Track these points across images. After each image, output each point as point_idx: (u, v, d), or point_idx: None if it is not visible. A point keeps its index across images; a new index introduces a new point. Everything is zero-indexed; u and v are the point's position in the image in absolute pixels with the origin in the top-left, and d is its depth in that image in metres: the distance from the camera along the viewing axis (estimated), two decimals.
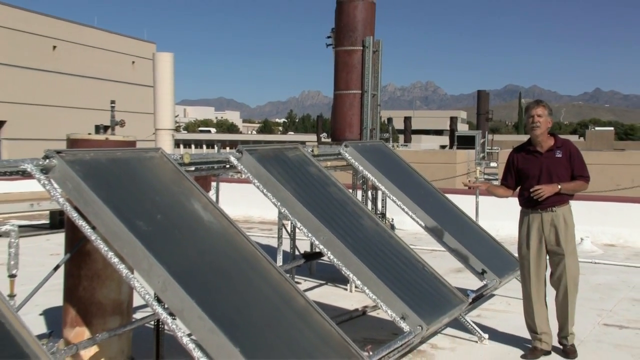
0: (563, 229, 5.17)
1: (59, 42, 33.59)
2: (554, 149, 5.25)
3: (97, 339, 4.46)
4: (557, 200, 5.17)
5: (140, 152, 4.69)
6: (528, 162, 5.31)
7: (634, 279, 8.34)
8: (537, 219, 5.22)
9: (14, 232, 4.21)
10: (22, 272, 4.24)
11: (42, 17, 33.34)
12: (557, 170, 5.19)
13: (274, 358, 3.72)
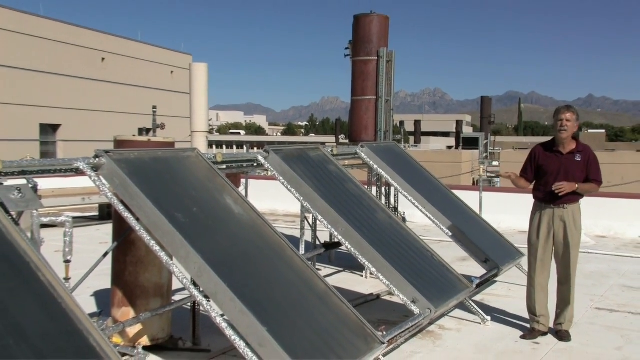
0: (571, 224, 5.15)
1: (107, 54, 33.86)
2: (574, 152, 5.16)
3: (140, 318, 4.51)
4: (569, 199, 5.12)
5: (178, 151, 4.72)
6: (549, 160, 5.22)
7: (623, 267, 8.29)
8: (549, 213, 5.19)
9: (68, 222, 4.25)
10: (76, 258, 4.28)
11: (92, 33, 33.63)
12: (573, 171, 5.12)
13: (298, 336, 3.72)
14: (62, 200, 11.30)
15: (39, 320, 2.79)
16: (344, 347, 3.90)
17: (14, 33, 28.28)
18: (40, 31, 29.75)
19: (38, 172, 3.72)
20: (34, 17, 30.00)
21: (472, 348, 4.98)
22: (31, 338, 2.68)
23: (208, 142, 15.06)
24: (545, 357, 4.81)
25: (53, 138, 31.04)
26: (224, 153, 5.16)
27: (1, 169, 3.42)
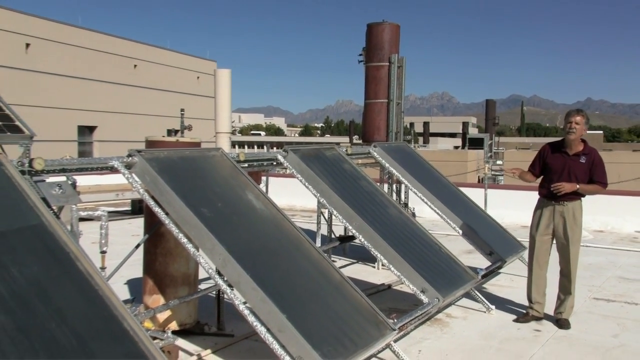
0: (571, 220, 5.13)
1: (139, 61, 34.10)
2: (580, 154, 5.11)
3: (170, 304, 4.53)
4: (570, 197, 5.10)
5: (204, 151, 4.73)
6: (555, 159, 5.19)
7: (619, 260, 8.22)
8: (550, 209, 5.19)
9: (104, 216, 4.29)
10: (110, 249, 4.32)
11: (125, 41, 33.88)
12: (577, 172, 5.08)
13: (315, 323, 3.72)
14: (97, 195, 11.40)
15: (78, 305, 2.81)
16: (357, 333, 3.89)
17: (55, 42, 28.59)
18: (78, 40, 30.04)
19: (77, 169, 3.75)
20: (73, 27, 30.30)
21: (478, 335, 4.96)
22: (71, 322, 2.70)
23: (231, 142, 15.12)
24: (546, 343, 4.78)
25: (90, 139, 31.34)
26: (246, 152, 5.17)
27: (44, 167, 3.45)
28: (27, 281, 2.72)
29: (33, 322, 2.58)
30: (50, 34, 28.45)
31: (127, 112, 32.64)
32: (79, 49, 29.94)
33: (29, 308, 2.62)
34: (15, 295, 2.63)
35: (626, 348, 4.69)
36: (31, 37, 27.46)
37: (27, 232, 2.93)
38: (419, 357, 4.41)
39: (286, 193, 12.07)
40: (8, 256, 2.75)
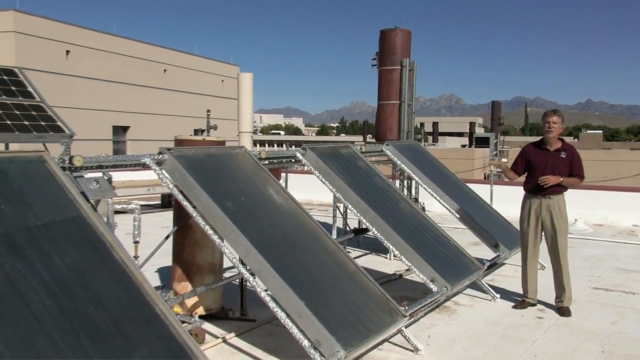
0: (557, 213, 5.14)
1: (168, 66, 34.29)
2: (560, 150, 5.18)
3: (197, 291, 4.56)
4: (554, 191, 5.13)
5: (228, 149, 4.75)
6: (537, 157, 5.23)
7: (618, 252, 8.11)
8: (536, 203, 5.20)
9: (137, 209, 4.32)
10: (142, 240, 4.35)
11: (156, 48, 34.09)
12: (559, 166, 5.13)
13: (331, 309, 3.72)
14: (130, 190, 11.51)
15: (114, 291, 2.83)
16: (371, 319, 3.89)
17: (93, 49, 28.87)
18: (113, 47, 30.30)
19: (112, 166, 3.78)
20: (109, 35, 30.56)
21: (483, 321, 4.93)
22: (108, 306, 2.73)
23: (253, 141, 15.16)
24: (548, 330, 4.74)
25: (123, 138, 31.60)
26: (267, 150, 5.17)
27: (82, 164, 3.49)
28: (68, 268, 2.75)
29: (73, 305, 2.61)
30: (88, 42, 28.73)
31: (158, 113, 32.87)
32: (114, 55, 30.20)
33: (70, 293, 2.65)
34: (58, 281, 2.66)
35: (624, 335, 4.65)
36: (71, 45, 27.76)
37: (68, 223, 2.97)
38: (428, 342, 4.39)
39: (304, 188, 12.08)
40: (51, 245, 2.79)
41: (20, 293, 2.49)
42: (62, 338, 2.45)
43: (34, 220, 2.84)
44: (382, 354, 4.11)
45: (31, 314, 2.45)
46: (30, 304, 2.48)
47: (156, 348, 2.72)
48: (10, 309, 2.41)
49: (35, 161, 3.17)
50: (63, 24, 27.86)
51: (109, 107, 29.77)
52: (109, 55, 29.87)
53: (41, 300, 2.53)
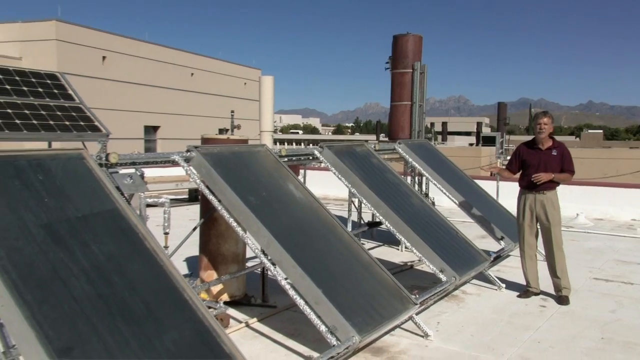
0: (550, 207, 5.12)
1: (195, 70, 34.44)
2: (551, 148, 5.17)
3: (222, 279, 4.59)
4: (547, 187, 5.12)
5: (250, 147, 4.76)
6: (530, 155, 5.23)
7: (617, 245, 8.01)
8: (531, 198, 5.18)
9: (167, 203, 4.35)
10: (171, 232, 4.38)
11: (184, 53, 34.25)
12: (551, 164, 5.13)
13: (346, 297, 3.72)
14: (160, 185, 11.60)
15: (146, 278, 2.86)
16: (384, 307, 3.88)
17: (126, 55, 29.12)
18: (145, 53, 30.53)
19: (144, 163, 3.81)
20: (141, 42, 30.79)
21: (490, 309, 4.89)
22: (141, 292, 2.76)
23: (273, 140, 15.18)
24: (551, 317, 4.69)
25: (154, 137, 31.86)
26: (286, 148, 5.18)
27: (117, 161, 3.53)
28: (105, 257, 2.78)
29: (110, 290, 2.64)
30: (123, 48, 28.99)
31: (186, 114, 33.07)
32: (145, 60, 30.45)
33: (107, 279, 2.68)
34: (96, 268, 2.69)
35: (622, 322, 4.60)
36: (107, 51, 28.04)
37: (104, 215, 3.00)
38: (437, 328, 4.37)
39: (321, 184, 12.08)
40: (89, 235, 2.82)
41: (63, 279, 2.53)
42: (100, 321, 2.48)
43: (74, 212, 2.87)
44: (394, 339, 4.10)
45: (72, 298, 2.48)
46: (72, 289, 2.52)
47: (185, 331, 2.74)
48: (54, 294, 2.44)
49: (75, 158, 3.20)
50: (99, 32, 28.14)
51: (141, 108, 30.03)
52: (141, 60, 30.14)
53: (81, 285, 2.56)
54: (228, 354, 2.76)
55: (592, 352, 3.95)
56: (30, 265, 2.48)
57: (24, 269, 2.45)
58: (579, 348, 4.03)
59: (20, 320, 2.27)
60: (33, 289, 2.40)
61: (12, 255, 2.46)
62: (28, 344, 2.24)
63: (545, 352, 3.93)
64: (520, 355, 3.88)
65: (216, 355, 2.72)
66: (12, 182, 2.78)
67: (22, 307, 2.30)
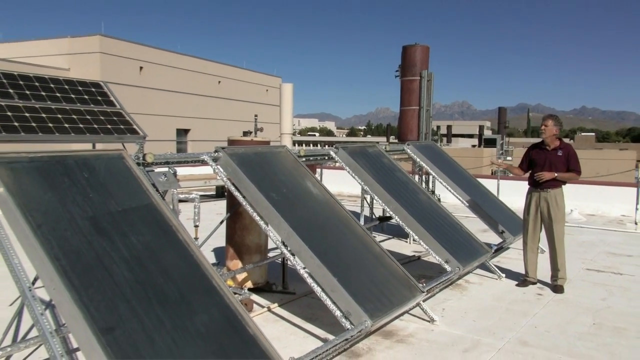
0: (554, 204, 5.04)
1: (222, 78, 34.60)
2: (557, 149, 5.09)
3: (246, 268, 4.60)
4: (552, 185, 5.04)
5: (272, 148, 4.77)
6: (538, 155, 5.16)
7: (608, 238, 7.92)
8: (536, 195, 5.12)
9: (197, 198, 4.38)
10: (200, 224, 4.41)
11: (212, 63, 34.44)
12: (556, 163, 5.05)
13: (359, 285, 3.72)
14: (191, 183, 11.69)
15: (179, 266, 2.88)
16: (393, 294, 3.87)
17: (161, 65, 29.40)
18: (178, 63, 30.77)
19: (176, 162, 3.85)
20: (174, 53, 31.04)
21: (491, 297, 4.84)
22: (174, 278, 2.78)
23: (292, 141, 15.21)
24: (547, 304, 4.63)
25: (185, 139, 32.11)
26: (305, 149, 5.18)
27: (153, 160, 3.56)
28: (142, 246, 2.81)
29: (147, 277, 2.67)
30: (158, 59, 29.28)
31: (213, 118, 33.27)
32: (178, 69, 30.69)
33: (144, 267, 2.71)
34: (134, 257, 2.72)
35: (612, 309, 4.56)
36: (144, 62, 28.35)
37: (142, 209, 3.03)
38: (443, 314, 4.34)
39: (336, 182, 12.08)
40: (129, 227, 2.85)
41: (105, 266, 2.56)
42: (138, 304, 2.51)
43: (115, 206, 2.91)
44: (403, 323, 4.08)
45: (114, 283, 2.52)
46: (113, 275, 2.55)
47: (214, 314, 2.76)
48: (98, 279, 2.48)
49: (116, 158, 3.24)
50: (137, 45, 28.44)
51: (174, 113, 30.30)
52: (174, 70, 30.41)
53: (121, 272, 2.59)
54: (252, 335, 2.78)
55: (584, 336, 3.90)
56: (78, 253, 2.52)
57: (72, 256, 2.49)
58: (572, 332, 3.98)
59: (69, 302, 2.31)
60: (80, 275, 2.43)
61: (62, 244, 2.51)
62: (76, 323, 2.28)
63: (542, 336, 3.89)
64: (519, 338, 3.84)
65: (241, 336, 2.74)
66: (62, 179, 2.83)
67: (71, 291, 2.34)
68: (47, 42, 26.88)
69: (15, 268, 2.44)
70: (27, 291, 2.39)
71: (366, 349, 3.58)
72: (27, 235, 2.45)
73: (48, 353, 2.26)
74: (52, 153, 2.91)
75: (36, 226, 2.49)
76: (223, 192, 11.84)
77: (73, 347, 2.34)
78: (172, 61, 30.43)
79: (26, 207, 2.54)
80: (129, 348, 2.29)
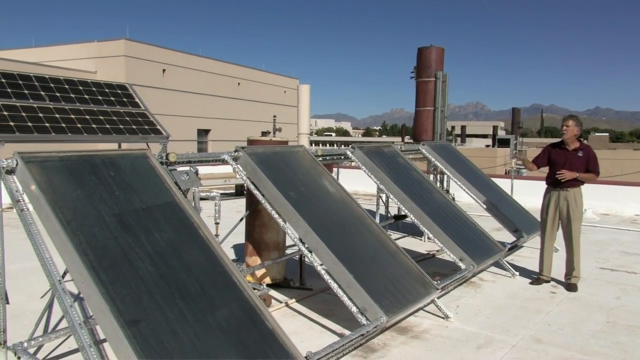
0: (573, 203, 4.94)
1: (241, 80, 34.78)
2: (577, 150, 4.98)
3: (264, 264, 4.62)
4: (571, 184, 4.94)
5: (290, 147, 4.77)
6: (558, 155, 5.05)
7: (621, 237, 7.75)
8: (555, 194, 5.02)
9: (217, 196, 4.42)
10: (220, 222, 4.45)
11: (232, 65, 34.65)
12: (576, 164, 4.93)
13: (375, 281, 3.70)
14: (211, 181, 11.80)
15: (200, 261, 2.90)
16: (408, 291, 3.84)
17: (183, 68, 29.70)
18: (199, 66, 31.05)
19: (198, 161, 3.87)
20: (195, 56, 31.34)
21: (504, 295, 4.78)
22: (196, 273, 2.80)
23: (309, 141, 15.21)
24: (560, 302, 4.56)
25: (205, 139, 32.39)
26: (322, 149, 5.17)
27: (176, 159, 3.60)
28: (165, 242, 2.84)
29: (169, 272, 2.70)
30: (180, 62, 29.58)
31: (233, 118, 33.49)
32: (199, 72, 30.98)
33: (167, 262, 2.74)
34: (157, 252, 2.75)
35: (626, 308, 4.47)
36: (166, 65, 28.69)
37: (165, 207, 3.05)
38: (457, 311, 4.30)
39: (352, 181, 12.05)
40: (152, 224, 2.89)
41: (130, 261, 2.60)
42: (162, 297, 2.53)
43: (139, 203, 2.94)
44: (418, 320, 4.06)
45: (139, 277, 2.55)
46: (138, 269, 2.58)
47: (234, 308, 2.78)
48: (124, 273, 2.52)
49: (141, 157, 3.28)
50: (160, 48, 28.78)
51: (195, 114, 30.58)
52: (195, 72, 30.69)
53: (146, 267, 2.63)
54: (271, 329, 2.79)
55: (598, 334, 3.83)
56: (104, 248, 2.56)
57: (100, 251, 2.53)
58: (586, 330, 3.91)
59: (97, 295, 2.34)
60: (107, 269, 2.47)
61: (90, 240, 2.55)
62: (103, 316, 2.32)
63: (555, 334, 3.82)
64: (532, 336, 3.78)
65: (260, 330, 2.75)
66: (90, 177, 2.88)
67: (99, 284, 2.38)
68: (76, 46, 27.39)
69: (47, 262, 2.49)
70: (58, 284, 2.43)
71: (381, 344, 3.56)
72: (57, 231, 2.50)
73: (77, 343, 2.30)
74: (81, 152, 2.96)
75: (66, 222, 2.54)
76: (242, 190, 11.91)
77: (100, 339, 2.38)
78: (193, 64, 30.71)
79: (56, 204, 2.59)
80: (153, 340, 2.32)
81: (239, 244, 6.01)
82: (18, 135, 4.84)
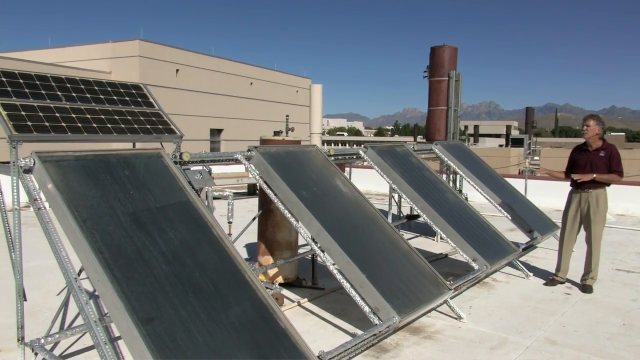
0: (594, 205, 4.85)
1: (254, 80, 34.89)
2: (599, 150, 4.87)
3: (277, 263, 4.62)
4: (593, 185, 4.86)
5: (303, 147, 4.77)
6: (580, 156, 4.99)
7: (638, 238, 7.62)
8: (577, 196, 4.95)
9: (230, 196, 4.43)
10: (233, 221, 4.46)
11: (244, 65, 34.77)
12: (597, 164, 4.84)
13: (387, 281, 3.69)
14: (224, 181, 11.82)
15: (214, 260, 2.91)
16: (421, 291, 3.82)
17: (196, 68, 29.90)
18: (211, 66, 31.22)
19: (211, 161, 3.89)
20: (208, 56, 31.50)
21: (518, 295, 4.73)
22: (209, 272, 2.82)
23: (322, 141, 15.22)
24: (575, 304, 4.49)
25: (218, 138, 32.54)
26: (334, 148, 5.17)
27: (189, 159, 3.62)
28: (179, 241, 2.86)
29: (183, 270, 2.71)
30: (193, 62, 29.78)
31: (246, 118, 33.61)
32: (212, 72, 31.15)
33: (181, 261, 2.76)
34: (171, 251, 2.77)
35: None
36: (180, 65, 28.90)
37: (178, 206, 3.08)
38: (470, 311, 4.26)
39: (365, 180, 12.00)
40: (166, 223, 2.91)
41: (145, 259, 2.62)
42: (175, 296, 2.55)
43: (153, 202, 2.97)
44: (430, 320, 4.03)
45: (153, 276, 2.57)
46: (152, 268, 2.61)
47: (246, 307, 2.78)
48: (138, 272, 2.54)
49: (155, 156, 3.31)
50: (174, 48, 29.01)
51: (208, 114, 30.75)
52: (208, 72, 30.87)
53: (160, 265, 2.65)
54: (283, 328, 2.79)
55: (614, 337, 3.76)
56: (119, 247, 2.58)
57: (114, 250, 2.55)
58: (601, 332, 3.84)
59: (112, 293, 2.37)
60: (122, 267, 2.50)
61: (105, 238, 2.58)
62: (118, 313, 2.34)
63: (570, 336, 3.77)
64: (546, 337, 3.73)
65: (273, 329, 2.76)
66: (105, 176, 2.91)
67: (114, 282, 2.40)
68: (91, 46, 27.72)
69: (63, 260, 2.52)
70: (74, 282, 2.46)
71: (394, 344, 3.54)
72: (73, 229, 2.52)
73: (92, 340, 2.33)
74: (96, 152, 2.99)
75: (82, 221, 2.57)
76: (254, 189, 11.95)
77: (115, 336, 2.40)
78: (206, 64, 30.90)
79: (72, 203, 2.62)
80: (167, 338, 2.33)
81: (252, 243, 6.03)
82: (35, 135, 4.92)
